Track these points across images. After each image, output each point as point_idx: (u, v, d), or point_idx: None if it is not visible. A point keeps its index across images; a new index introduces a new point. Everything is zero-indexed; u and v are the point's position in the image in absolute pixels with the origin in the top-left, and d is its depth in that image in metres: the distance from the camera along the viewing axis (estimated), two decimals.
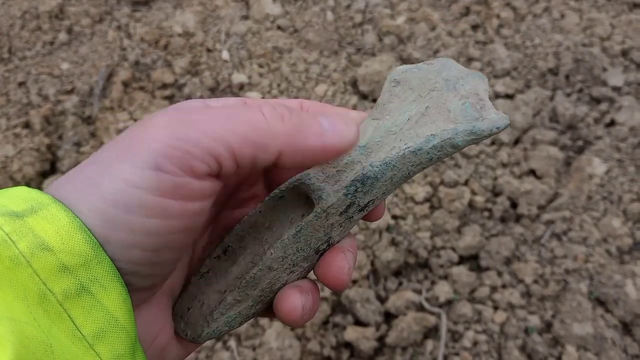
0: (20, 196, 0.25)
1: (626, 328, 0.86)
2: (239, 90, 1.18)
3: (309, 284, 0.33)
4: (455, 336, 0.87)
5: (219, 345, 0.86)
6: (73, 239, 0.24)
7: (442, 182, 1.02)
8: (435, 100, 0.32)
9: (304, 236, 0.31)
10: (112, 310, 0.25)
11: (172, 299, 0.34)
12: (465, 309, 0.88)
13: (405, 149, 0.31)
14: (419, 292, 0.91)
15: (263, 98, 1.04)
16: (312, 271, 0.34)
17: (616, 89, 1.12)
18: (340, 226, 0.32)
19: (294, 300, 0.31)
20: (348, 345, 0.87)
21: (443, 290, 0.90)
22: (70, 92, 1.22)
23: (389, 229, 0.96)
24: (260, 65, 1.21)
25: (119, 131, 1.10)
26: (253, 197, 0.36)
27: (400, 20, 1.26)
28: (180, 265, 0.34)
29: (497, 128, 0.31)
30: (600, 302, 0.88)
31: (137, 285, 0.28)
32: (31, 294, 0.23)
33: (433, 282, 0.92)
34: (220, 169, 0.27)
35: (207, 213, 0.28)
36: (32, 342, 0.22)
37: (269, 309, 0.34)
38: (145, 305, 0.30)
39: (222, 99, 0.33)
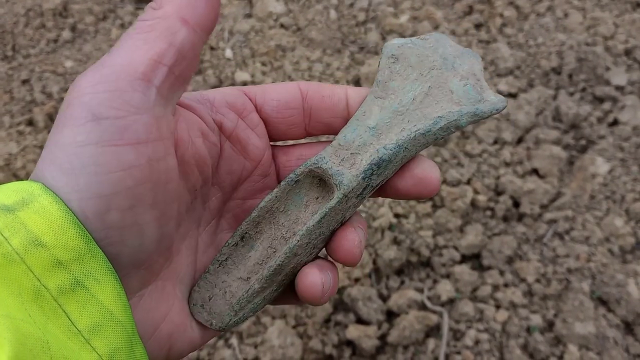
0: (11, 187, 0.25)
1: (628, 327, 0.86)
2: None
3: (326, 262, 0.34)
4: (457, 335, 0.87)
5: (221, 342, 0.87)
6: (66, 233, 0.24)
7: (444, 181, 1.02)
8: (437, 80, 0.34)
9: (326, 221, 0.32)
10: (106, 304, 0.25)
11: (179, 285, 0.33)
12: (467, 307, 0.88)
13: (416, 130, 0.32)
14: (421, 290, 0.91)
15: None
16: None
17: (619, 88, 1.12)
18: (354, 206, 0.33)
19: (314, 278, 0.32)
20: (350, 343, 0.87)
21: (445, 289, 0.90)
22: None
23: (391, 227, 0.96)
24: (264, 64, 1.21)
25: None
26: (265, 188, 0.36)
27: (404, 18, 1.26)
28: (185, 250, 0.33)
29: (496, 110, 0.33)
30: (602, 301, 0.88)
31: (130, 258, 0.27)
32: (26, 290, 0.23)
33: (435, 281, 0.93)
34: (157, 87, 0.27)
35: (168, 160, 0.28)
36: (28, 339, 0.22)
37: (287, 292, 0.35)
38: (148, 291, 0.30)
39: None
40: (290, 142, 0.46)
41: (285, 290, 0.35)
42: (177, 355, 0.32)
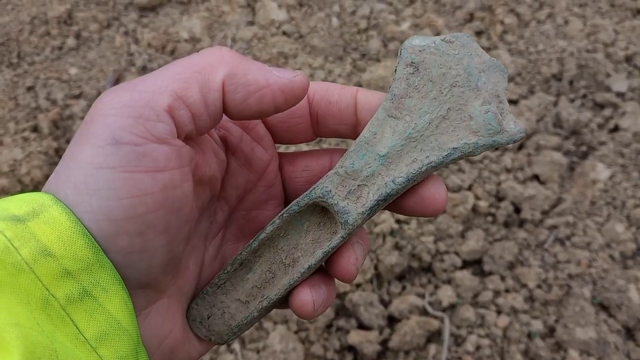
0: (22, 198, 0.25)
1: (629, 333, 0.86)
2: None
3: (319, 278, 0.34)
4: (458, 340, 0.87)
5: (223, 348, 0.87)
6: (75, 244, 0.24)
7: (446, 187, 1.02)
8: (457, 101, 0.31)
9: (327, 255, 0.33)
10: (114, 313, 0.26)
11: (184, 301, 0.33)
12: (468, 313, 0.88)
13: (428, 163, 0.31)
14: (422, 296, 0.92)
15: None
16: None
17: (620, 94, 1.13)
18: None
19: (305, 297, 0.32)
20: (351, 348, 0.87)
21: (446, 294, 0.90)
22: (78, 96, 1.23)
23: (392, 233, 0.96)
24: None
25: None
26: (271, 199, 0.35)
27: (405, 26, 1.27)
28: (192, 266, 0.33)
29: (513, 141, 0.31)
30: (603, 307, 0.88)
31: (137, 280, 0.27)
32: (34, 299, 0.24)
33: (436, 287, 0.93)
34: (177, 124, 0.27)
35: (184, 188, 0.28)
36: (37, 347, 0.22)
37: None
38: (155, 308, 0.30)
39: None
40: (295, 147, 0.46)
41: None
42: None
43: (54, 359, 0.23)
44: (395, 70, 0.32)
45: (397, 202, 0.33)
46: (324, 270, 0.35)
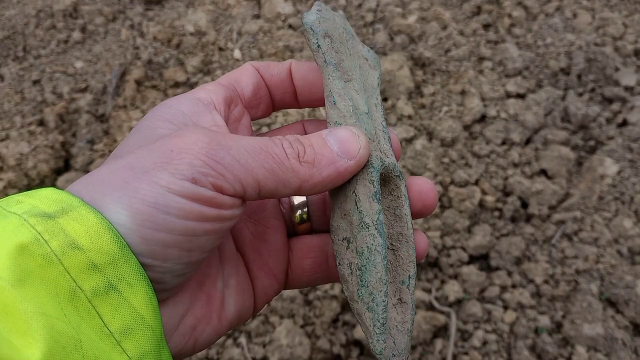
0: (50, 198, 0.27)
1: (637, 329, 0.86)
2: None
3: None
4: (464, 335, 0.87)
5: (230, 341, 0.87)
6: (102, 238, 0.25)
7: (452, 182, 1.02)
8: (354, 50, 0.38)
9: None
10: (138, 308, 0.26)
11: (201, 279, 0.35)
12: (475, 308, 0.88)
13: (379, 102, 0.37)
14: (428, 291, 0.91)
15: None
16: None
17: (628, 88, 1.12)
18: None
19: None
20: (357, 343, 0.87)
21: (453, 289, 0.90)
22: (84, 90, 1.23)
23: None
24: None
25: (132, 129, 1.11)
26: None
27: (412, 19, 1.26)
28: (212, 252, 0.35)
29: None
30: (610, 302, 0.88)
31: (169, 284, 0.29)
32: (62, 290, 0.24)
33: (443, 282, 0.93)
34: (245, 195, 0.29)
35: (236, 219, 0.30)
36: (62, 336, 0.23)
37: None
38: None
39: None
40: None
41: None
42: (203, 345, 0.34)
43: (78, 349, 0.23)
44: (318, 45, 0.35)
45: None
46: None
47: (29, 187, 1.09)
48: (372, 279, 0.32)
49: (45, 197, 0.27)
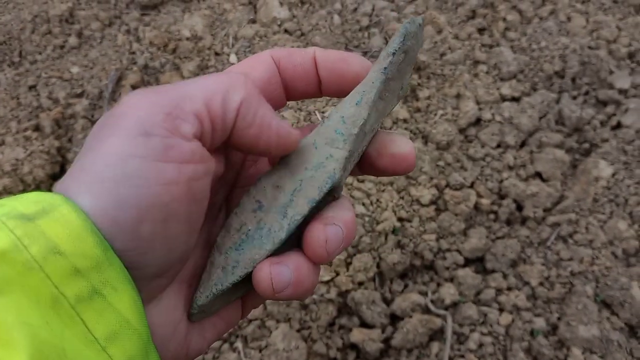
0: (32, 199, 0.26)
1: (632, 331, 0.86)
2: None
3: (289, 255, 0.34)
4: (460, 338, 0.87)
5: (226, 346, 0.87)
6: (85, 242, 0.25)
7: (447, 185, 1.02)
8: (402, 74, 0.36)
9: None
10: (123, 312, 0.26)
11: (192, 283, 0.34)
12: (470, 311, 0.88)
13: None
14: (424, 294, 0.92)
15: None
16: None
17: (623, 91, 1.12)
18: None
19: (263, 273, 0.31)
20: (354, 347, 0.88)
21: (449, 292, 0.90)
22: (80, 95, 1.23)
23: (394, 231, 0.96)
24: None
25: None
26: (258, 171, 0.37)
27: None
28: (198, 249, 0.34)
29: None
30: (606, 304, 0.88)
31: (155, 268, 0.28)
32: (44, 298, 0.24)
33: (439, 284, 0.93)
34: (201, 127, 0.28)
35: (204, 181, 0.29)
36: (45, 346, 0.22)
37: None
38: (165, 294, 0.31)
39: None
40: None
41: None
42: (195, 354, 0.33)
43: (62, 357, 0.23)
44: (393, 53, 0.33)
45: (370, 162, 0.35)
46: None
47: (24, 193, 1.09)
48: (247, 255, 0.32)
49: (26, 198, 0.26)
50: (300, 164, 0.33)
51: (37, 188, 1.09)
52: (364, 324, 0.89)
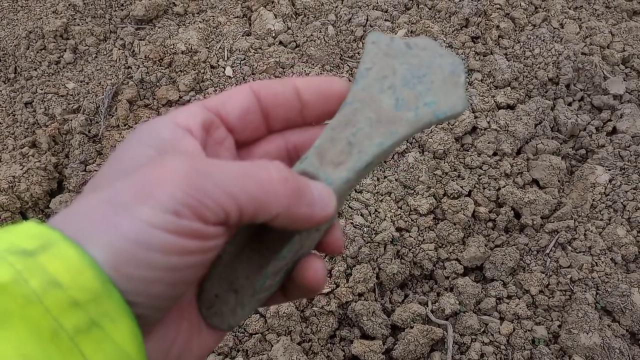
0: (30, 233, 0.26)
1: (633, 337, 0.86)
2: None
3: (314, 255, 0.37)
4: (462, 348, 0.87)
5: None
6: (83, 275, 0.25)
7: (445, 194, 1.02)
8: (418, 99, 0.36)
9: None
10: (122, 344, 0.26)
11: (182, 309, 0.34)
12: (471, 320, 0.88)
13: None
14: (424, 304, 0.91)
15: None
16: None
17: (617, 96, 1.13)
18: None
19: (318, 265, 0.35)
20: (355, 358, 0.87)
21: (449, 302, 0.90)
22: (76, 111, 1.23)
23: (393, 241, 0.96)
24: None
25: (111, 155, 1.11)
26: None
27: (401, 33, 1.27)
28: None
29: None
30: (606, 311, 0.88)
31: (152, 318, 0.28)
32: (44, 330, 0.24)
33: (439, 294, 0.93)
34: (227, 222, 0.29)
35: (219, 249, 0.30)
36: None
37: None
38: (159, 324, 0.31)
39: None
40: None
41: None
42: None
43: None
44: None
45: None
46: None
47: (21, 210, 1.08)
48: (264, 292, 0.34)
49: (24, 233, 0.26)
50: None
51: (35, 205, 1.09)
52: (365, 336, 0.89)
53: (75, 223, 0.27)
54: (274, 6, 1.35)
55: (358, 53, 1.27)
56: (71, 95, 1.25)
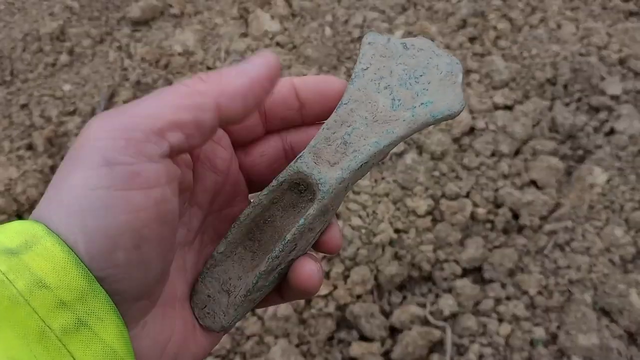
0: (13, 229, 0.26)
1: (632, 338, 0.86)
2: None
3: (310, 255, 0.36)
4: (460, 350, 0.87)
5: None
6: (69, 274, 0.25)
7: (443, 195, 1.02)
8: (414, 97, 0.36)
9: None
10: (109, 342, 0.26)
11: (178, 305, 0.34)
12: (470, 322, 0.88)
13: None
14: (423, 305, 0.91)
15: None
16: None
17: (614, 97, 1.13)
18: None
19: (311, 266, 0.34)
20: None
21: (447, 303, 0.90)
22: (72, 113, 1.23)
23: (391, 243, 0.96)
24: None
25: None
26: (237, 195, 0.37)
27: (398, 34, 1.27)
28: (174, 272, 0.34)
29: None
30: (605, 312, 0.88)
31: (135, 292, 0.28)
32: (31, 332, 0.24)
33: (437, 296, 0.93)
34: (169, 145, 0.28)
35: (173, 201, 0.29)
36: None
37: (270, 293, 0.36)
38: (150, 317, 0.31)
39: None
40: None
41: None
42: None
43: None
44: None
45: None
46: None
47: (18, 213, 1.08)
48: (256, 292, 0.34)
49: (9, 229, 0.26)
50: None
51: (31, 208, 1.09)
52: (363, 338, 0.89)
53: (51, 208, 0.26)
54: (270, 7, 1.35)
55: (355, 54, 1.27)
56: (67, 97, 1.25)
